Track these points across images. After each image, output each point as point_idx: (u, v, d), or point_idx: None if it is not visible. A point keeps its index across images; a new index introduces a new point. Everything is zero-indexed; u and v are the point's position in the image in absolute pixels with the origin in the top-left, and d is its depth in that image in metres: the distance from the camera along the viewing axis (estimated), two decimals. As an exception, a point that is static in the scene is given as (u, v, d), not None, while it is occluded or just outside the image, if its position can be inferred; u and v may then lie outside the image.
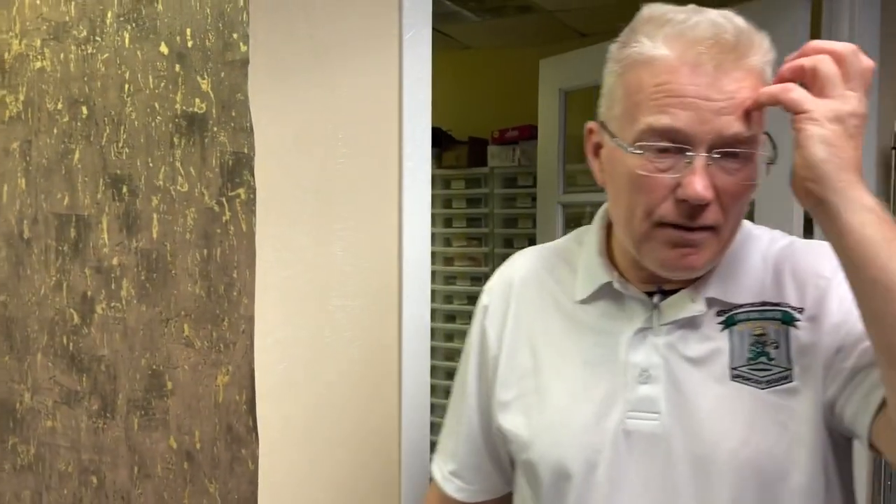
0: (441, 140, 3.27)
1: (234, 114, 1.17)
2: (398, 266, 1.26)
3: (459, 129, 3.34)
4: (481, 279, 3.14)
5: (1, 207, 1.44)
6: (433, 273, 3.20)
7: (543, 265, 0.98)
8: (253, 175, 1.16)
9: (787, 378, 0.81)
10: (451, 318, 3.24)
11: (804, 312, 0.83)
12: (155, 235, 1.25)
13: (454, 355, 3.18)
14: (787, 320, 0.82)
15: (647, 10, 0.81)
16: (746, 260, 0.88)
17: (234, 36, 1.16)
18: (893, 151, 1.69)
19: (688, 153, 0.76)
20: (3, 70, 1.41)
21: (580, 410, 0.87)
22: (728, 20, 0.77)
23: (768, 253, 0.88)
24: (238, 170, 1.17)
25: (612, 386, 0.86)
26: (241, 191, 1.17)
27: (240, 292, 1.18)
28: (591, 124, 0.89)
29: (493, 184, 3.19)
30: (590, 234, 0.95)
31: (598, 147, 0.88)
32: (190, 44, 1.20)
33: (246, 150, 1.17)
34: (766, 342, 0.82)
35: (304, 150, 1.20)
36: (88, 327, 1.34)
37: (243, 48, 1.16)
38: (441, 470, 1.06)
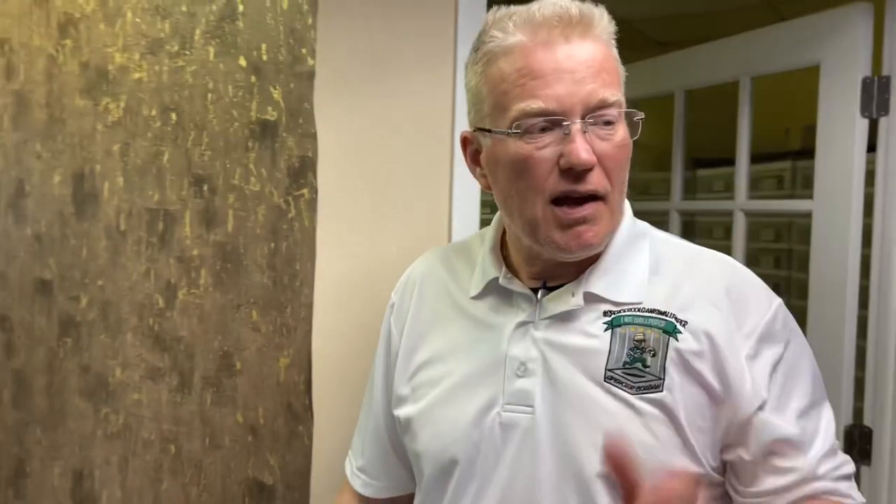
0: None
1: (300, 121, 1.29)
2: (447, 264, 1.35)
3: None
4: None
5: (103, 203, 1.62)
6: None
7: (444, 263, 1.01)
8: (315, 177, 1.28)
9: (657, 387, 0.80)
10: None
11: (687, 326, 0.82)
12: (230, 230, 1.39)
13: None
14: (669, 331, 0.82)
15: (491, 13, 0.86)
16: (635, 259, 0.88)
17: (303, 51, 1.29)
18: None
19: (563, 124, 0.79)
20: (108, 80, 1.59)
21: (464, 404, 0.88)
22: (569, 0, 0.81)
23: (662, 256, 0.89)
24: (303, 171, 1.29)
25: (495, 379, 0.87)
26: (304, 191, 1.29)
27: (301, 283, 1.30)
28: (464, 133, 0.92)
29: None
30: (489, 231, 0.98)
31: (476, 154, 0.90)
32: (265, 57, 1.33)
33: (310, 154, 1.29)
34: (644, 348, 0.81)
35: (362, 154, 1.31)
36: (171, 311, 1.49)
37: (310, 62, 1.28)
38: (351, 466, 1.08)
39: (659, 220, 2.38)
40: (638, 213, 2.54)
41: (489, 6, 1.41)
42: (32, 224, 1.79)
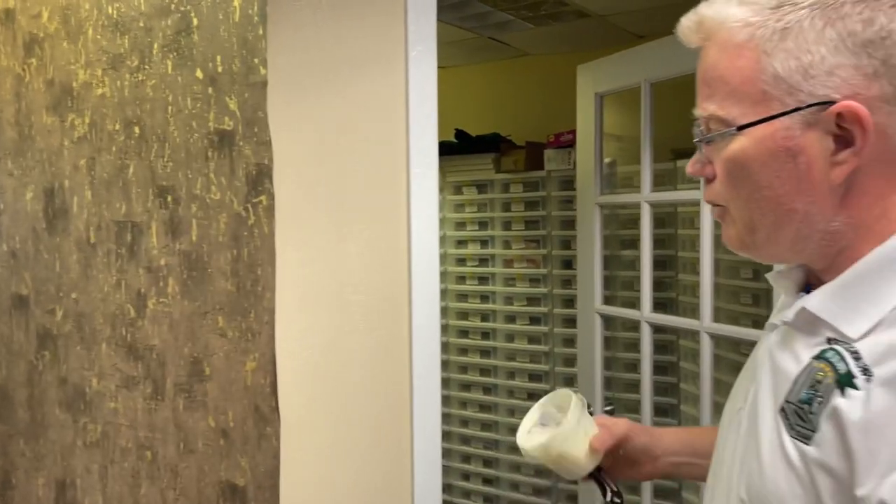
0: (500, 145, 3.37)
1: (256, 129, 1.32)
2: (407, 263, 1.38)
3: (518, 133, 3.43)
4: (540, 281, 3.22)
5: (72, 216, 1.65)
6: (494, 275, 3.32)
7: None
8: (272, 183, 1.31)
9: (806, 438, 0.68)
10: (511, 319, 3.32)
11: (872, 380, 0.64)
12: (194, 238, 1.42)
13: (515, 355, 3.27)
14: (844, 381, 0.66)
15: None
16: (888, 283, 0.70)
17: (255, 61, 1.31)
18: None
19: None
20: (72, 97, 1.62)
21: (734, 393, 0.90)
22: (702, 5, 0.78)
23: None
24: (260, 179, 1.32)
25: (750, 379, 0.85)
26: (262, 198, 1.32)
27: (263, 287, 1.33)
28: None
29: (550, 187, 3.26)
30: None
31: None
32: (220, 69, 1.36)
33: (266, 162, 1.31)
34: (817, 390, 0.68)
35: (319, 160, 1.33)
36: (142, 320, 1.52)
37: (263, 71, 1.30)
38: None
39: (633, 213, 2.40)
40: (606, 207, 2.51)
41: (439, 8, 1.44)
42: (7, 240, 1.82)
